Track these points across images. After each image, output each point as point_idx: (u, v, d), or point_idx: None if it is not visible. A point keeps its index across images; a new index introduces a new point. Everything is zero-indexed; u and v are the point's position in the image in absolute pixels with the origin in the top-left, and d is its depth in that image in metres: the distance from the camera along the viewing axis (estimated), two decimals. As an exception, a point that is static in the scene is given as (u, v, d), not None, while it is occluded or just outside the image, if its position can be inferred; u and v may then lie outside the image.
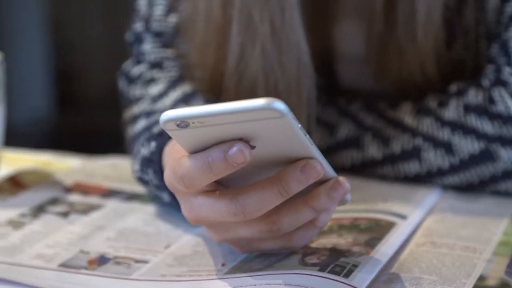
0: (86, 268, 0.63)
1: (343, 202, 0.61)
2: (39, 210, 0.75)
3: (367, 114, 0.81)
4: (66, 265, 0.64)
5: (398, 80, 0.81)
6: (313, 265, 0.59)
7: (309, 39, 0.77)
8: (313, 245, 0.64)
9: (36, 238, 0.69)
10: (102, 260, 0.65)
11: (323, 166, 0.56)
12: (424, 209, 0.73)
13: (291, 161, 0.56)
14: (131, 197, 0.79)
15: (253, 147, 0.54)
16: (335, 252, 0.62)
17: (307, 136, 0.55)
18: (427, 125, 0.78)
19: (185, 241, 0.68)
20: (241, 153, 0.54)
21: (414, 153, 0.78)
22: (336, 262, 0.60)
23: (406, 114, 0.80)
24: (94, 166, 0.89)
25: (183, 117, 0.52)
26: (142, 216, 0.74)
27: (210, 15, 0.77)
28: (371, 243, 0.64)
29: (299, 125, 0.53)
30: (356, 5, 0.83)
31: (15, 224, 0.72)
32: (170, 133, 0.54)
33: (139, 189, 0.80)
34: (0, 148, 0.81)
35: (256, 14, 0.74)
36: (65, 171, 0.87)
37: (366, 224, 0.68)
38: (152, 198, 0.78)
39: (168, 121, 0.53)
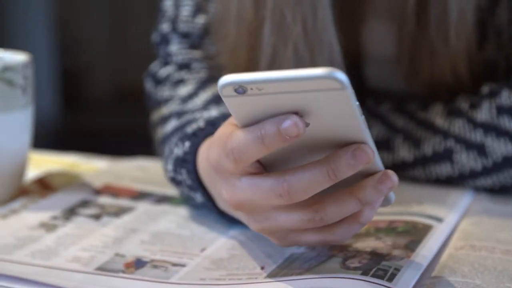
0: (123, 271, 0.63)
1: (386, 202, 0.60)
2: (70, 213, 0.75)
3: (397, 115, 0.81)
4: (103, 269, 0.63)
5: (429, 81, 0.81)
6: (355, 268, 0.59)
7: (339, 40, 0.76)
8: (352, 248, 0.63)
9: (70, 241, 0.68)
10: (139, 264, 0.64)
11: (374, 153, 0.56)
12: (459, 212, 0.73)
13: (341, 145, 0.56)
14: (162, 199, 0.79)
15: (306, 125, 0.54)
16: (376, 256, 0.61)
17: (363, 117, 0.54)
18: (459, 126, 0.77)
19: (221, 244, 0.68)
20: (295, 126, 0.53)
21: (446, 155, 0.78)
22: (378, 265, 0.59)
23: (437, 116, 0.79)
24: (121, 168, 0.88)
25: (242, 82, 0.52)
26: (175, 218, 0.74)
27: (242, 16, 0.76)
28: (411, 247, 0.63)
29: (357, 103, 0.53)
30: (386, 6, 0.83)
31: (48, 227, 0.71)
32: (225, 100, 0.53)
33: (170, 191, 0.80)
34: (28, 150, 0.81)
35: (288, 14, 0.74)
36: (92, 173, 0.86)
37: (403, 227, 0.67)
38: (184, 200, 0.77)
39: (227, 85, 0.52)
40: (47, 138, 2.97)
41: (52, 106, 3.15)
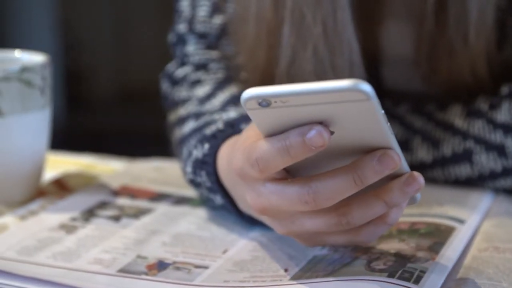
0: (146, 273, 0.62)
1: (412, 201, 0.60)
2: (89, 214, 0.74)
3: (415, 116, 0.80)
4: (125, 271, 0.63)
5: (447, 81, 0.80)
6: (381, 271, 0.59)
7: (358, 41, 0.76)
8: (376, 250, 0.63)
9: (91, 242, 0.68)
10: (161, 266, 0.64)
11: (400, 158, 0.55)
12: (480, 213, 0.72)
13: (366, 151, 0.55)
14: (180, 200, 0.78)
15: (331, 133, 0.53)
16: (401, 258, 0.61)
17: (388, 124, 0.54)
18: (478, 127, 0.77)
19: (242, 245, 0.68)
20: (320, 136, 0.53)
21: (465, 156, 0.77)
22: (404, 268, 0.59)
23: (456, 117, 0.79)
24: (137, 169, 0.88)
25: (266, 95, 0.51)
26: (195, 220, 0.74)
27: (261, 16, 0.76)
28: (435, 248, 0.63)
29: (382, 111, 0.52)
30: (405, 6, 0.82)
31: (68, 229, 0.71)
32: (249, 112, 0.53)
33: (188, 192, 0.79)
34: (46, 151, 0.80)
35: (308, 14, 0.73)
36: (109, 174, 0.86)
37: (426, 228, 0.67)
38: (203, 201, 0.77)
39: (251, 98, 0.52)
40: (50, 138, 2.97)
41: (56, 106, 3.14)
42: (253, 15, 0.77)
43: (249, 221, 0.71)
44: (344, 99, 0.51)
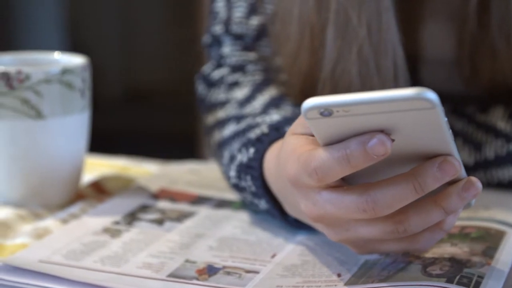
0: (197, 278, 0.62)
1: (467, 206, 0.59)
2: (132, 218, 0.74)
3: (456, 118, 0.80)
4: (175, 275, 0.62)
5: (489, 83, 0.79)
6: (438, 276, 0.58)
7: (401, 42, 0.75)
8: (430, 254, 0.62)
9: (137, 246, 0.67)
10: (211, 270, 0.63)
11: (460, 164, 0.55)
12: (528, 217, 0.72)
13: (425, 158, 0.55)
14: (221, 203, 0.78)
15: (392, 141, 0.53)
16: (456, 263, 0.60)
17: (450, 131, 0.53)
18: None
19: (290, 250, 0.67)
20: (382, 144, 0.52)
21: (508, 159, 0.77)
22: (461, 273, 0.58)
23: (498, 119, 0.78)
24: (174, 172, 0.87)
25: (328, 105, 0.50)
26: (238, 223, 0.73)
27: (305, 18, 0.75)
28: (489, 253, 0.62)
29: (446, 119, 0.52)
30: (446, 7, 0.82)
31: (112, 232, 0.70)
32: (309, 122, 0.52)
33: (228, 195, 0.79)
34: (85, 154, 0.80)
35: (354, 16, 0.72)
36: (146, 176, 0.85)
37: (476, 233, 0.66)
38: (244, 205, 0.76)
39: (313, 108, 0.51)
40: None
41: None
42: (296, 18, 0.76)
43: (294, 225, 0.70)
44: (408, 108, 0.50)
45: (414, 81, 0.84)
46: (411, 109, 0.50)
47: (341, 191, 0.56)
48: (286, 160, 0.59)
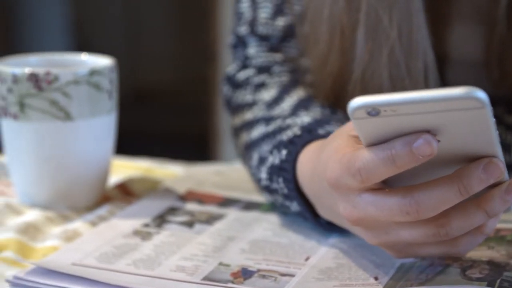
0: (232, 282, 0.61)
1: (508, 209, 0.58)
2: (161, 220, 0.73)
3: (484, 120, 0.79)
4: (210, 279, 0.62)
5: (519, 85, 0.79)
6: (479, 279, 0.57)
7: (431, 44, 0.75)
8: (467, 257, 0.62)
9: (169, 249, 0.67)
10: (246, 274, 0.63)
11: (505, 166, 0.54)
12: (561, 219, 0.71)
13: (467, 159, 0.54)
14: (249, 206, 0.77)
15: (437, 141, 0.52)
16: (495, 266, 0.60)
17: (497, 132, 0.53)
18: None
19: (323, 253, 0.66)
20: (428, 145, 0.51)
21: (538, 161, 0.76)
22: (501, 277, 0.58)
23: (527, 121, 0.78)
24: (199, 173, 0.86)
25: (376, 104, 0.50)
26: (269, 226, 0.72)
27: (335, 20, 0.74)
28: (526, 256, 0.62)
29: (494, 119, 0.51)
30: (474, 8, 0.81)
31: (143, 235, 0.70)
32: (354, 122, 0.52)
33: (255, 197, 0.78)
34: (112, 155, 0.79)
35: (385, 17, 0.72)
36: (172, 178, 0.85)
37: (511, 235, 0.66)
38: (273, 207, 0.76)
39: (360, 108, 0.50)
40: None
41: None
42: (326, 19, 0.75)
43: (326, 228, 0.69)
44: (456, 107, 0.50)
45: (442, 83, 0.84)
46: (459, 109, 0.50)
47: (383, 193, 0.55)
48: (327, 161, 0.58)
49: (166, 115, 3.18)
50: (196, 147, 2.90)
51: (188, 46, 3.25)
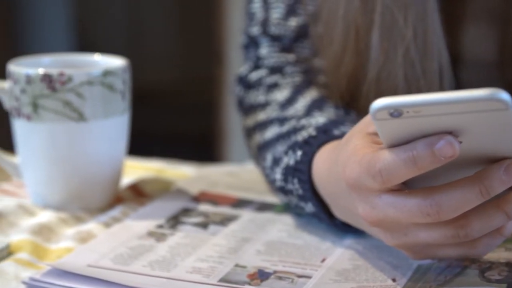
0: (249, 283, 0.61)
1: None
2: (175, 221, 0.73)
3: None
4: (226, 280, 0.61)
5: (533, 86, 0.79)
6: (498, 281, 0.57)
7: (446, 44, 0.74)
8: (485, 259, 0.61)
9: (184, 251, 0.66)
10: (262, 275, 0.62)
11: None
12: None
13: (488, 161, 0.54)
14: (263, 207, 0.77)
15: (459, 143, 0.52)
16: (514, 268, 0.60)
17: None
18: None
19: (339, 254, 0.66)
20: (450, 146, 0.51)
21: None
22: (520, 278, 0.58)
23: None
24: (212, 174, 0.86)
25: (399, 105, 0.50)
26: (283, 227, 0.72)
27: (350, 20, 0.74)
28: (544, 258, 0.61)
29: None
30: (488, 9, 0.81)
31: (158, 236, 0.69)
32: (376, 123, 0.51)
33: (268, 198, 0.78)
34: (125, 156, 0.79)
35: (400, 18, 0.72)
36: (185, 179, 0.84)
37: (529, 237, 0.66)
38: (287, 208, 0.75)
39: (383, 109, 0.50)
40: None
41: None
42: (341, 19, 0.75)
43: (341, 229, 0.69)
44: (479, 109, 0.49)
45: (456, 84, 0.83)
46: (482, 110, 0.49)
47: (404, 195, 0.55)
48: (345, 162, 0.58)
49: (169, 115, 3.18)
50: (200, 147, 2.90)
51: (191, 45, 3.24)
